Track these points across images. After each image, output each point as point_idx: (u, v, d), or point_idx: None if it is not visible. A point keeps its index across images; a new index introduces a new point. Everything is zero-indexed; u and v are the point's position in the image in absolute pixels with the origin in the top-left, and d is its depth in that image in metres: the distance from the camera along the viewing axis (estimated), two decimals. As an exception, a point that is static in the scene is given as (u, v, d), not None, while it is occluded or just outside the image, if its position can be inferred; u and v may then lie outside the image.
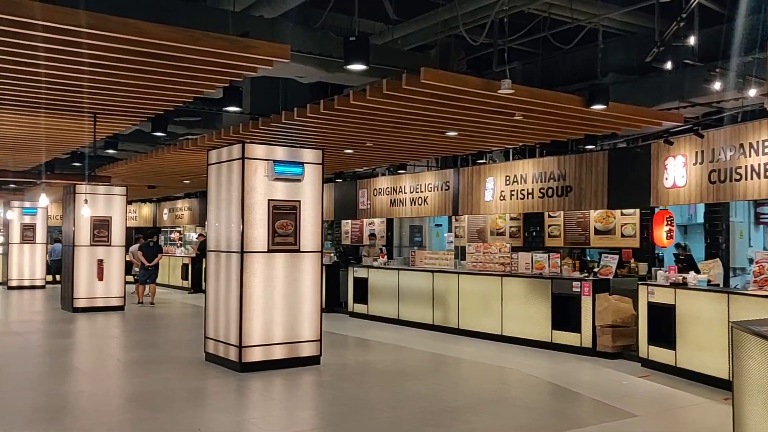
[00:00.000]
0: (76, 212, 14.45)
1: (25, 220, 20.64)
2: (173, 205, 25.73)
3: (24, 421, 6.21)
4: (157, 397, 7.10)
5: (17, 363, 9.25)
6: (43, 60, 5.91)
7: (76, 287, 14.54)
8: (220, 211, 8.82)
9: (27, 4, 4.68)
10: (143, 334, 12.29)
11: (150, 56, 5.84)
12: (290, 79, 10.08)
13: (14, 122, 9.06)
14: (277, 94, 10.50)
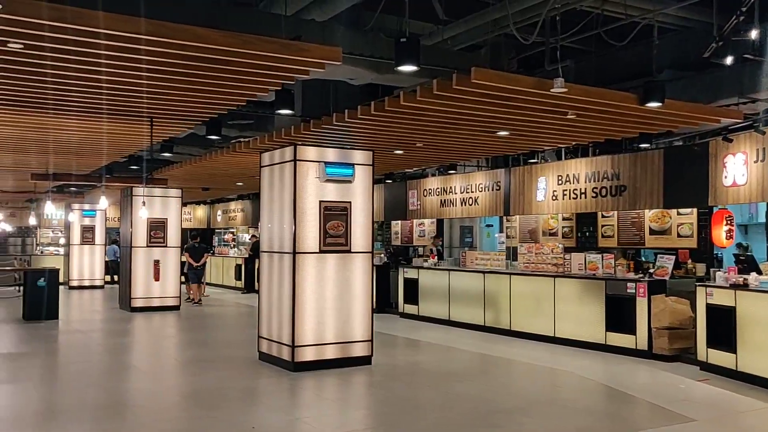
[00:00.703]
0: (133, 214, 14.84)
1: (84, 222, 21.26)
2: (226, 207, 26.17)
3: (88, 417, 6.41)
4: (212, 396, 7.24)
5: (80, 361, 9.56)
6: (104, 67, 6.11)
7: (133, 287, 14.92)
8: (272, 213, 8.94)
9: (93, 14, 4.85)
10: (198, 333, 12.54)
11: (205, 61, 5.97)
12: (341, 81, 10.16)
13: (77, 127, 9.37)
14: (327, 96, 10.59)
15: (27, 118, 8.91)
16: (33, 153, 12.31)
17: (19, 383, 7.90)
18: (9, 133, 10.13)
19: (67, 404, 7.03)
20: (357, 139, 10.39)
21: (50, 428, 6.06)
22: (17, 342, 10.83)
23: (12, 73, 6.56)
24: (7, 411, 6.68)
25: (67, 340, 11.53)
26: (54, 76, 6.53)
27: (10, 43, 5.53)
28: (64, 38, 5.26)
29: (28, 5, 4.73)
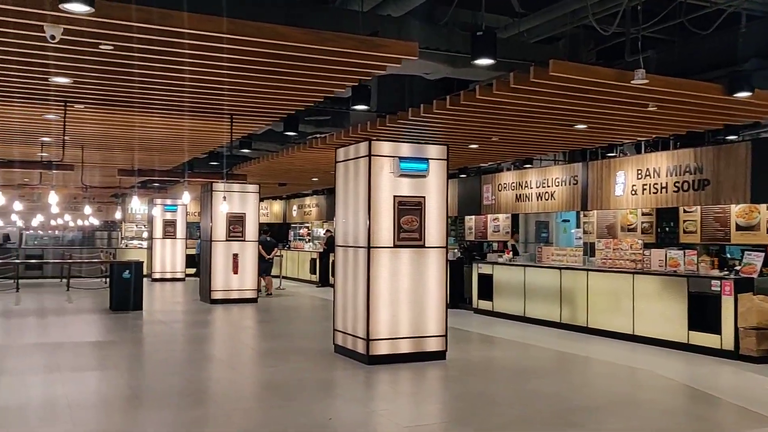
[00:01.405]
0: (213, 209, 15.27)
1: (166, 216, 22.02)
2: (302, 202, 26.60)
3: (172, 404, 6.65)
4: (289, 386, 7.38)
5: (163, 350, 9.92)
6: (188, 66, 6.31)
7: (213, 280, 15.36)
8: (347, 208, 9.03)
9: (178, 15, 5.02)
10: (275, 325, 12.81)
11: (284, 58, 6.09)
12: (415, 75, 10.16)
13: (160, 125, 9.71)
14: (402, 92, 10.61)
15: (114, 116, 9.29)
16: (119, 150, 12.83)
17: (107, 370, 8.26)
18: (97, 131, 10.59)
19: (151, 391, 7.31)
20: (432, 133, 10.38)
21: (136, 414, 6.31)
22: (105, 331, 11.32)
23: (102, 73, 6.85)
24: (96, 396, 7.01)
25: (150, 330, 11.98)
26: (140, 76, 6.79)
27: (101, 45, 5.79)
28: (151, 39, 5.46)
29: (118, 8, 4.94)
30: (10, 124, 9.96)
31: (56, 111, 8.79)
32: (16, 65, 6.44)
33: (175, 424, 5.93)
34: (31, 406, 6.47)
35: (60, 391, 6.98)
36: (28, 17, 4.94)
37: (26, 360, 8.71)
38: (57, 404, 6.43)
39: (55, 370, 8.07)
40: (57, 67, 6.50)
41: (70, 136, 9.97)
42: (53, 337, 10.87)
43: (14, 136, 11.06)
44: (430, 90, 10.75)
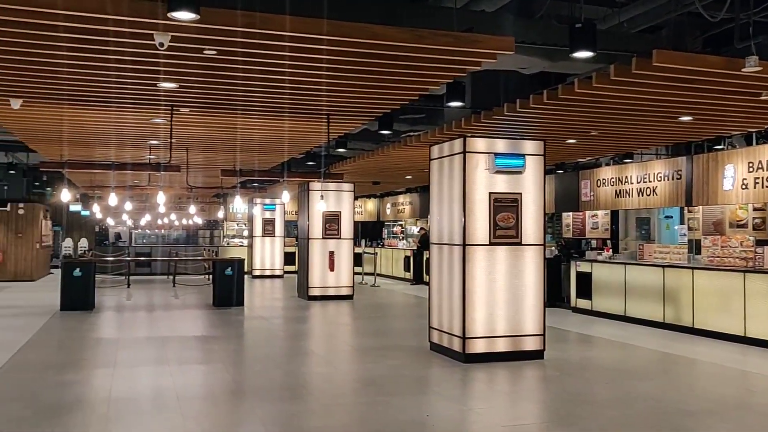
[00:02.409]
0: (310, 207, 15.60)
1: (265, 215, 22.67)
2: (395, 200, 26.75)
3: (273, 397, 6.84)
4: (387, 382, 7.45)
5: (265, 345, 10.23)
6: (288, 68, 6.48)
7: (310, 277, 15.70)
8: (442, 205, 9.02)
9: (279, 18, 5.16)
10: (371, 322, 12.94)
11: (380, 57, 6.15)
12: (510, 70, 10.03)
13: (260, 126, 10.02)
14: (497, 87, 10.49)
15: (217, 119, 9.64)
16: (221, 151, 13.30)
17: (211, 364, 8.57)
18: (201, 134, 11.02)
19: (254, 384, 7.54)
20: (527, 129, 10.22)
21: (240, 406, 6.53)
22: (209, 326, 11.76)
23: (206, 78, 7.13)
24: (202, 389, 7.29)
25: (252, 326, 12.36)
26: (242, 79, 7.02)
27: (205, 50, 6.02)
28: (252, 42, 5.64)
29: (222, 14, 5.13)
30: (122, 129, 10.52)
31: (163, 115, 9.22)
32: (129, 73, 6.80)
33: (278, 417, 6.09)
34: (143, 396, 6.80)
35: (169, 383, 7.31)
36: (141, 27, 5.20)
37: (137, 353, 9.17)
38: (166, 396, 6.73)
39: (164, 362, 8.47)
40: (165, 72, 6.82)
41: (176, 139, 10.44)
42: (161, 331, 11.40)
43: (125, 140, 11.68)
44: (526, 85, 10.58)
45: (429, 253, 9.59)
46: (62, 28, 5.31)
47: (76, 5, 4.82)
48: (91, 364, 8.50)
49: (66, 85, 7.41)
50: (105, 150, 12.99)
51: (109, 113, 9.18)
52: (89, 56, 6.24)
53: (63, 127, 10.22)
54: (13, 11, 4.98)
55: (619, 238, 16.65)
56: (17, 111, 8.61)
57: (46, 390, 6.97)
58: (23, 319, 12.17)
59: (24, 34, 5.54)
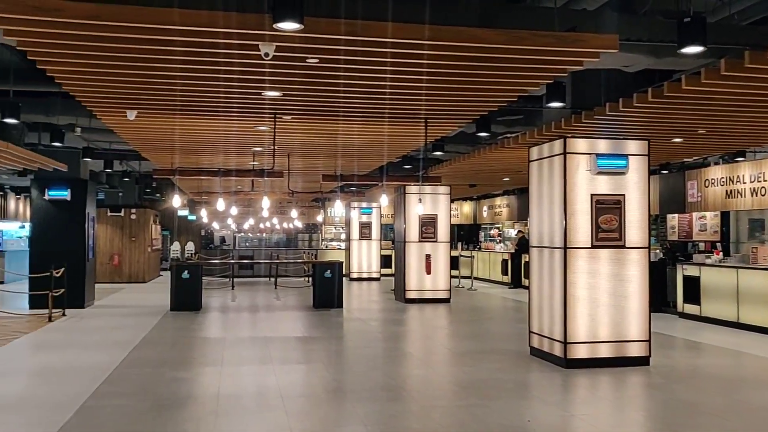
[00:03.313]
0: (406, 211, 15.72)
1: (362, 218, 23.01)
2: (492, 203, 26.52)
3: (372, 398, 6.94)
4: (486, 386, 7.41)
5: (363, 346, 10.38)
6: (389, 74, 6.59)
7: (407, 280, 15.79)
8: (541, 207, 8.89)
9: (381, 25, 5.27)
10: (469, 325, 12.89)
11: (479, 60, 6.15)
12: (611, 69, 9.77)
13: (360, 132, 10.20)
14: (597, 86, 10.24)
15: (318, 125, 9.89)
16: (321, 156, 13.61)
17: (312, 364, 8.78)
18: (303, 140, 11.32)
19: (353, 385, 7.68)
20: (630, 128, 9.92)
21: (341, 406, 6.67)
22: (309, 327, 12.04)
23: (308, 85, 7.34)
24: (303, 388, 7.49)
25: (351, 327, 12.57)
26: (344, 86, 7.19)
27: (308, 59, 6.21)
28: (354, 50, 5.77)
29: (325, 24, 5.28)
30: (228, 137, 10.96)
31: (267, 122, 9.54)
32: (235, 83, 7.10)
33: (378, 418, 6.17)
34: (248, 394, 7.05)
35: (272, 381, 7.54)
36: (248, 38, 5.43)
37: (242, 352, 9.52)
38: (270, 394, 6.95)
39: (267, 362, 8.74)
40: (269, 81, 7.07)
41: (278, 145, 10.76)
42: (264, 331, 11.77)
43: (231, 147, 12.16)
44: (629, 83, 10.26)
45: (528, 256, 9.46)
46: (177, 43, 5.62)
47: (190, 21, 5.09)
48: (200, 362, 8.89)
49: (178, 96, 7.82)
50: (211, 157, 13.56)
51: (217, 122, 9.60)
52: (200, 68, 6.56)
53: (174, 137, 10.77)
54: (132, 29, 5.31)
55: (730, 241, 15.87)
56: (133, 122, 9.14)
57: (160, 385, 7.35)
58: (137, 318, 12.86)
59: (142, 50, 5.89)
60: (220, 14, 5.01)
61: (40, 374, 8.12)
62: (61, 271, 13.10)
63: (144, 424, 5.92)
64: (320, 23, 5.22)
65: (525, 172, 9.33)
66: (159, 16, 5.07)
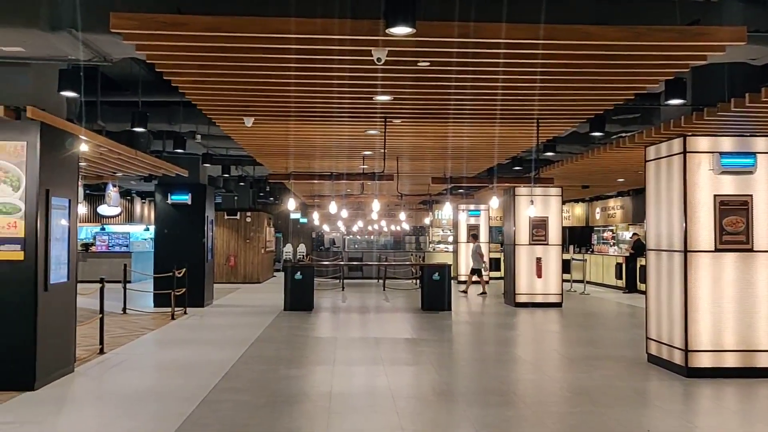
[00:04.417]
0: (516, 213, 15.51)
1: (470, 221, 22.88)
2: (605, 204, 25.73)
3: (483, 401, 6.90)
4: (601, 393, 7.20)
5: (473, 349, 10.35)
6: (501, 74, 6.54)
7: (517, 283, 15.57)
8: (659, 209, 8.56)
9: (494, 26, 5.24)
10: (581, 330, 12.57)
11: (594, 58, 5.99)
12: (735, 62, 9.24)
13: (470, 133, 10.16)
14: (721, 81, 9.72)
15: (428, 128, 9.93)
16: (429, 159, 13.65)
17: (421, 365, 8.83)
18: (412, 143, 11.40)
19: (463, 387, 7.66)
20: (758, 125, 9.34)
21: (452, 408, 6.66)
22: (418, 329, 12.10)
23: (418, 89, 7.39)
24: (413, 389, 7.54)
25: (459, 330, 12.54)
26: (455, 88, 7.19)
27: (419, 63, 6.26)
28: (466, 52, 5.76)
29: (437, 27, 5.30)
30: (340, 141, 11.20)
31: (377, 126, 9.68)
32: (347, 88, 7.25)
33: (489, 421, 6.13)
34: (360, 393, 7.19)
35: (383, 382, 7.65)
36: (361, 44, 5.54)
37: (353, 352, 9.70)
38: (381, 394, 7.05)
39: (377, 362, 8.86)
40: (380, 86, 7.18)
41: (388, 149, 10.88)
42: (374, 332, 11.94)
43: (342, 151, 12.41)
44: (755, 77, 9.68)
45: (643, 260, 9.12)
46: (293, 51, 5.80)
47: (306, 29, 5.25)
48: (312, 361, 9.13)
49: (293, 102, 8.07)
50: (322, 161, 13.90)
51: (329, 127, 9.83)
52: (314, 75, 6.75)
53: (288, 142, 11.11)
54: (250, 39, 5.53)
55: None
56: (249, 128, 9.50)
57: (275, 382, 7.61)
58: (253, 317, 13.36)
59: (259, 59, 6.13)
60: (335, 21, 5.14)
61: (165, 368, 8.60)
62: (183, 271, 13.81)
63: (260, 418, 6.15)
64: (433, 26, 5.24)
65: (641, 173, 9.00)
66: (276, 26, 5.26)
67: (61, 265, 7.66)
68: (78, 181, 8.45)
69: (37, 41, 6.12)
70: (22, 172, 7.07)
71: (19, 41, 6.18)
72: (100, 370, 8.25)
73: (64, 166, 7.79)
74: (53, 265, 7.40)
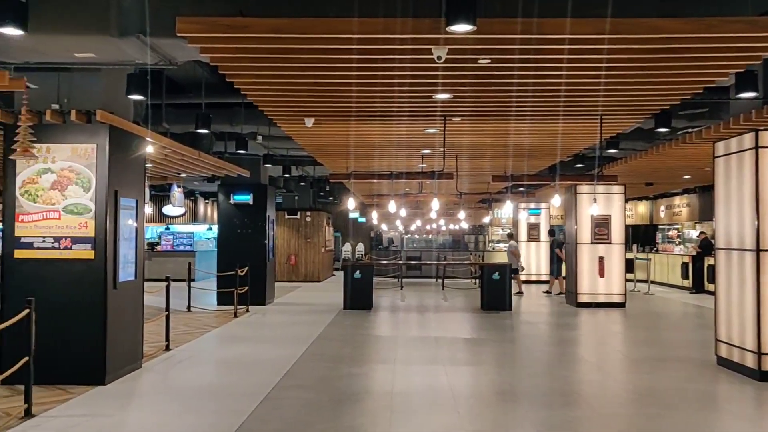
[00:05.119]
0: (577, 211, 15.24)
1: (530, 220, 22.61)
2: (670, 202, 25.06)
3: (545, 402, 6.79)
4: (668, 396, 7.01)
5: (533, 350, 10.20)
6: (564, 70, 6.45)
7: (579, 283, 15.30)
8: (729, 207, 8.28)
9: (558, 22, 5.18)
10: (645, 331, 12.27)
11: (660, 52, 5.85)
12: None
13: (531, 130, 10.04)
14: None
15: (487, 126, 9.86)
16: (489, 157, 13.56)
17: (482, 365, 8.76)
18: (471, 141, 11.34)
19: (525, 388, 7.56)
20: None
21: (513, 409, 6.59)
22: (478, 329, 12.01)
23: (478, 86, 7.34)
24: (474, 389, 7.48)
25: (520, 330, 12.39)
26: (517, 85, 7.12)
27: (479, 60, 6.22)
28: (529, 48, 5.70)
29: (498, 24, 5.26)
30: (399, 140, 11.22)
31: (437, 125, 9.66)
32: (407, 87, 7.26)
33: (552, 423, 6.04)
34: (420, 392, 7.17)
35: (443, 381, 7.61)
36: (422, 42, 5.54)
37: (412, 351, 9.69)
38: (442, 394, 7.02)
39: (437, 362, 8.84)
40: (440, 84, 7.16)
41: (447, 147, 10.85)
42: (433, 331, 11.90)
43: (401, 151, 12.43)
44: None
45: (711, 259, 8.84)
46: (354, 51, 5.85)
47: (368, 29, 5.28)
48: (372, 359, 9.16)
49: (354, 102, 8.13)
50: (381, 161, 13.96)
51: (389, 126, 9.87)
52: (375, 74, 6.78)
53: (348, 141, 11.20)
54: (311, 40, 5.60)
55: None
56: (309, 128, 9.61)
57: (337, 380, 7.66)
58: (314, 315, 13.49)
59: (320, 59, 6.20)
60: (397, 21, 5.15)
61: (228, 365, 8.76)
62: (245, 270, 14.05)
63: (322, 416, 6.20)
64: (494, 23, 5.20)
65: (709, 169, 8.73)
66: (338, 26, 5.31)
67: (129, 264, 7.88)
68: (145, 181, 8.69)
69: (107, 47, 6.32)
70: (92, 174, 7.30)
71: (91, 47, 6.40)
72: (166, 366, 8.46)
73: (131, 167, 8.02)
74: (122, 264, 7.62)
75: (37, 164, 7.27)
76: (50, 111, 7.15)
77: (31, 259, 7.26)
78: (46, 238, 7.25)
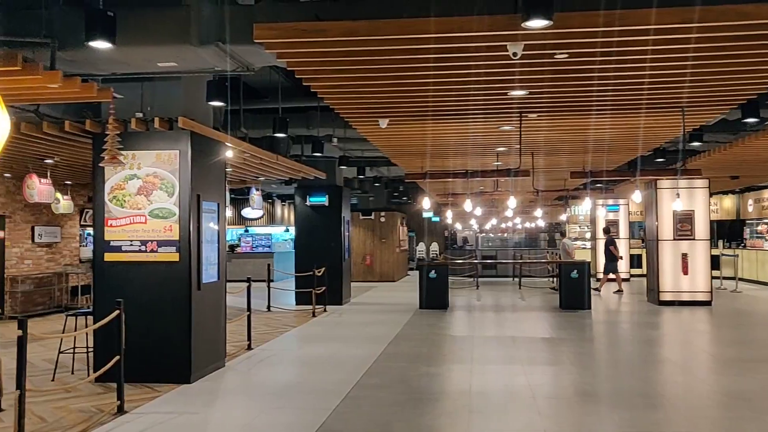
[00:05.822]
0: (658, 207, 14.78)
1: (609, 216, 22.05)
2: (759, 195, 23.97)
3: (627, 403, 6.61)
4: (760, 399, 6.72)
5: (614, 350, 9.98)
6: (648, 62, 6.26)
7: (661, 281, 14.83)
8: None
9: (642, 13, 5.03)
10: (734, 331, 11.79)
11: (747, 39, 5.59)
12: None
13: (611, 125, 9.79)
14: None
15: (565, 121, 9.66)
16: (566, 153, 13.28)
17: (561, 365, 8.59)
18: (548, 137, 11.13)
19: (606, 389, 7.39)
20: None
21: (594, 409, 6.45)
22: (556, 328, 11.80)
23: (555, 82, 7.20)
24: (553, 389, 7.35)
25: (600, 330, 12.11)
26: (597, 79, 6.95)
27: (556, 55, 6.10)
28: (610, 41, 5.56)
29: (577, 17, 5.15)
30: (474, 138, 11.13)
31: (512, 122, 9.54)
32: (482, 84, 7.19)
33: (635, 424, 5.89)
34: (499, 392, 7.11)
35: (522, 381, 7.52)
36: (497, 39, 5.48)
37: (490, 351, 9.62)
38: (521, 394, 6.94)
39: (515, 361, 8.74)
40: (516, 81, 7.06)
41: (523, 144, 10.70)
42: (510, 331, 11.77)
43: (475, 149, 12.32)
44: None
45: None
46: (431, 51, 5.83)
47: (445, 28, 5.26)
48: (450, 359, 9.13)
49: (430, 102, 8.11)
50: (455, 159, 13.87)
51: (464, 125, 9.80)
52: (451, 73, 6.74)
53: (423, 141, 11.18)
54: (387, 41, 5.61)
55: None
56: (385, 129, 9.64)
57: (415, 379, 7.68)
58: (390, 315, 13.56)
59: (396, 60, 6.20)
60: (474, 18, 5.10)
61: (308, 364, 8.90)
62: (322, 270, 14.24)
63: (402, 415, 6.23)
64: (573, 17, 5.09)
65: (803, 161, 8.29)
66: (414, 26, 5.31)
67: (212, 266, 8.12)
68: (225, 185, 8.93)
69: (188, 56, 6.51)
70: (176, 179, 7.55)
71: (173, 57, 6.61)
72: (248, 364, 8.67)
73: (212, 171, 8.25)
74: (205, 266, 7.86)
75: (123, 171, 7.58)
76: (135, 119, 7.44)
77: (119, 261, 7.58)
78: (134, 241, 7.55)
